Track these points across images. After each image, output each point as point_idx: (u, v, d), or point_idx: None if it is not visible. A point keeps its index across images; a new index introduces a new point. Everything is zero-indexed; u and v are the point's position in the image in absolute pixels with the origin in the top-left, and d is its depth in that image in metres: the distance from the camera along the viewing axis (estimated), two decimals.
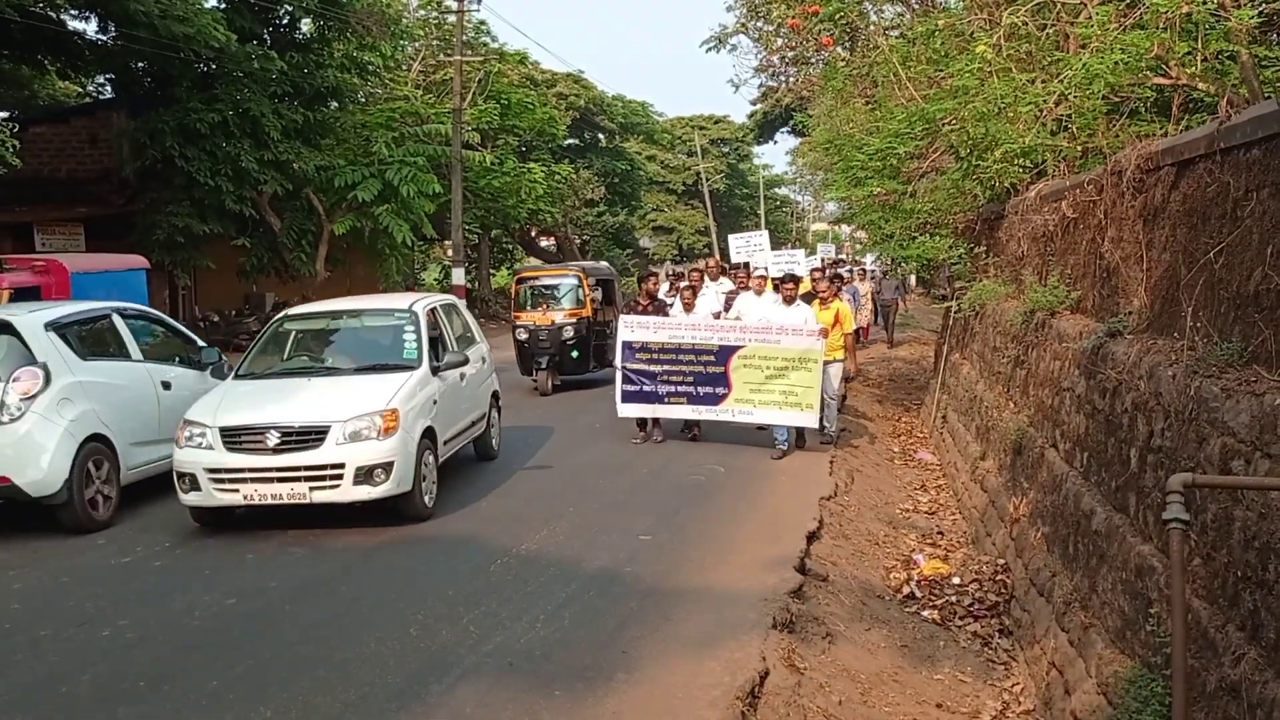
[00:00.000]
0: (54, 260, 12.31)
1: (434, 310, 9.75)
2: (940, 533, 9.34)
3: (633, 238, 54.66)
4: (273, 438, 7.81)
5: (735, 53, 25.27)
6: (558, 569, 7.07)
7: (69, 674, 5.44)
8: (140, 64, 21.20)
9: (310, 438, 7.84)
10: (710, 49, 23.47)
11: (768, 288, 12.31)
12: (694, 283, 12.79)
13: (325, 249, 23.56)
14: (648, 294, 12.58)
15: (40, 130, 21.77)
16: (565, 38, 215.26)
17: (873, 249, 18.67)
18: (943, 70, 10.49)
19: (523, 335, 15.79)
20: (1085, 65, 7.01)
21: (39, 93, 25.97)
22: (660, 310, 12.07)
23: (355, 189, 22.15)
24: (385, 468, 7.86)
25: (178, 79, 20.02)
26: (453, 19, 29.14)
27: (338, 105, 24.48)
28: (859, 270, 24.23)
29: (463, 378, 9.60)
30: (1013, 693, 6.20)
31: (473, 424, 10.05)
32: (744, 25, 22.19)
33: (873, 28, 15.31)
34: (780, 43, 20.83)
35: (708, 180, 55.06)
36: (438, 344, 9.42)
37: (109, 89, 24.98)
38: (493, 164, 30.45)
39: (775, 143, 53.15)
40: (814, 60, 19.91)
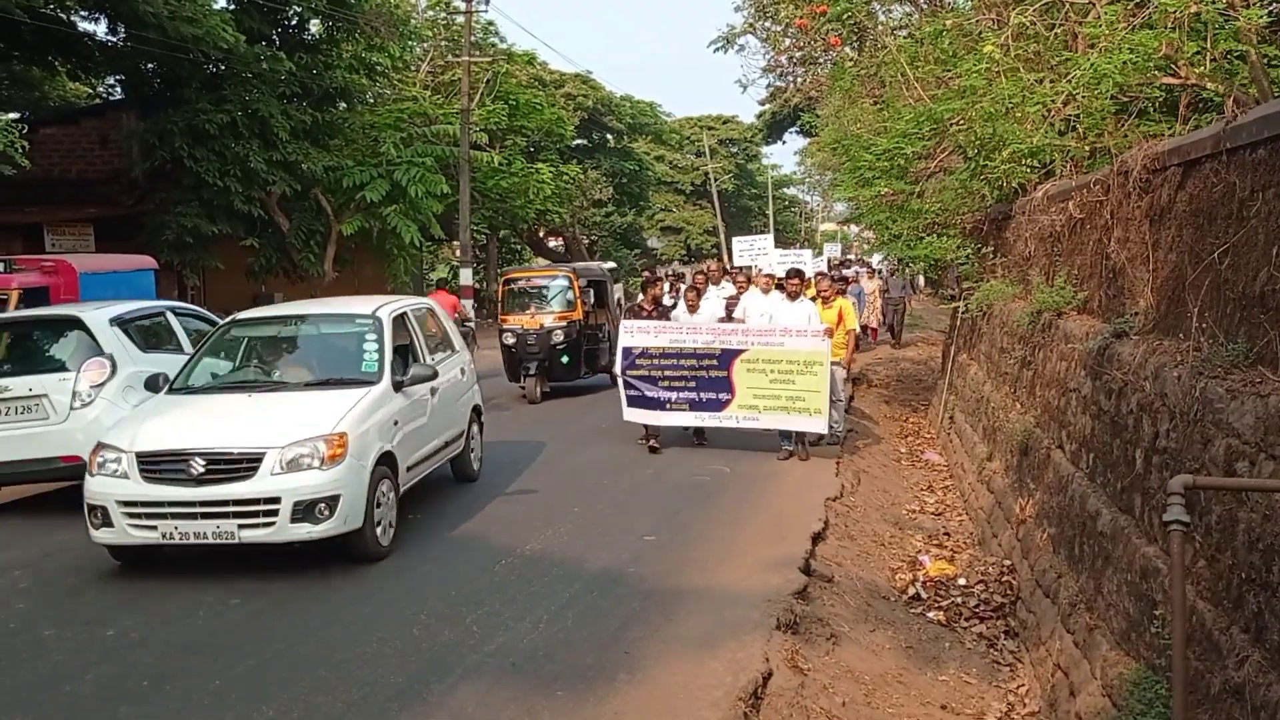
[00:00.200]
0: (62, 261, 12.34)
1: (403, 316, 8.75)
2: (947, 534, 9.32)
3: (641, 238, 54.61)
4: (197, 465, 6.79)
5: (743, 53, 25.16)
6: (561, 569, 7.08)
7: (72, 673, 5.46)
8: (150, 65, 21.25)
9: (241, 466, 6.82)
10: (718, 49, 23.44)
11: (772, 286, 12.11)
12: (698, 284, 12.45)
13: (333, 249, 23.62)
14: (652, 299, 12.12)
15: (51, 131, 21.87)
16: (573, 38, 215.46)
17: (880, 249, 18.59)
18: (951, 70, 10.43)
19: (510, 340, 15.02)
20: (1093, 65, 6.96)
21: (49, 94, 26.08)
22: (664, 316, 11.67)
23: (363, 189, 22.16)
24: (329, 502, 6.83)
25: (187, 80, 20.08)
26: (461, 20, 29.16)
27: (346, 106, 24.52)
28: (866, 270, 24.12)
29: (434, 392, 8.59)
30: (1018, 694, 6.17)
31: (447, 444, 9.06)
32: (752, 25, 22.14)
33: (881, 28, 15.27)
34: (788, 43, 20.77)
35: (716, 180, 55.05)
36: (408, 354, 8.56)
37: (119, 90, 25.09)
38: (501, 164, 30.43)
39: (784, 143, 53.13)
40: (822, 60, 19.85)
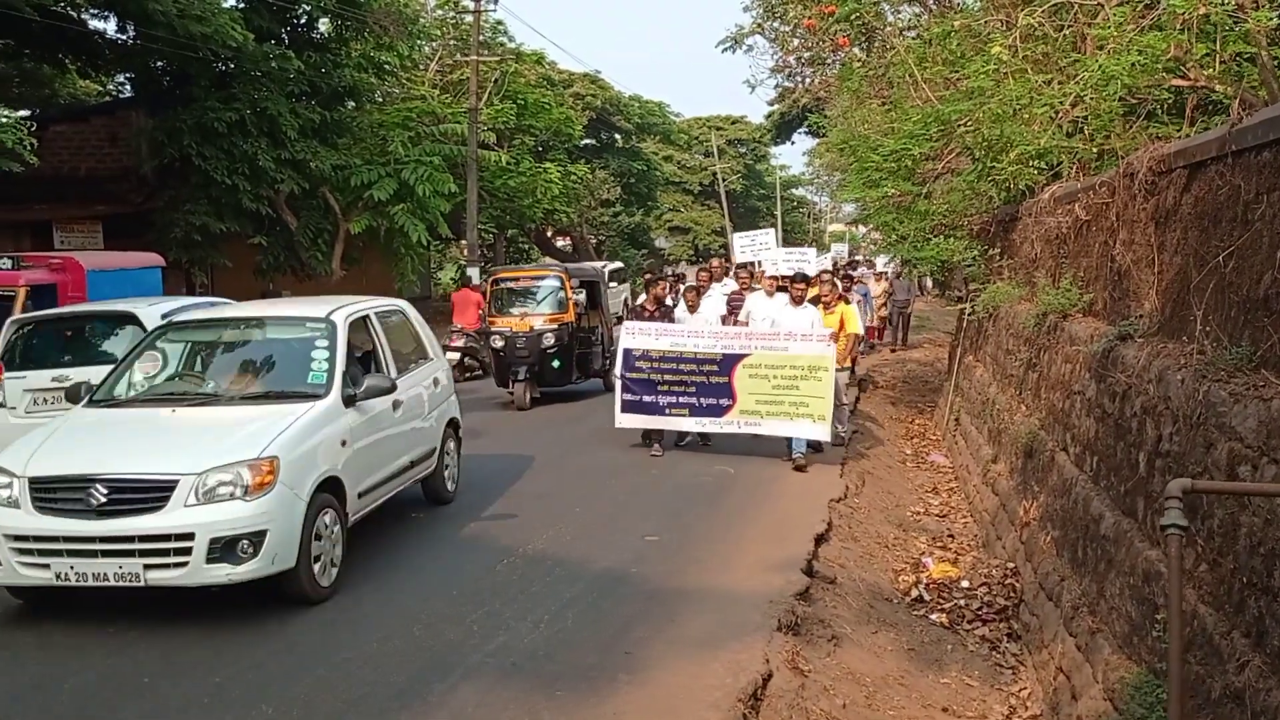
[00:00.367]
0: (70, 258, 12.34)
1: (365, 320, 7.90)
2: (951, 536, 9.29)
3: (649, 238, 54.67)
4: (98, 494, 5.88)
5: (751, 53, 25.16)
6: (563, 569, 7.08)
7: (75, 669, 5.48)
8: (159, 63, 21.32)
9: (149, 495, 5.91)
10: (726, 49, 23.42)
11: (775, 289, 11.90)
12: (701, 284, 12.19)
13: (341, 248, 23.66)
14: (655, 299, 11.75)
15: (60, 129, 21.94)
16: (582, 38, 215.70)
17: (886, 250, 18.54)
18: (959, 71, 10.41)
19: (499, 343, 14.23)
20: (1101, 67, 6.94)
21: (60, 91, 26.16)
22: (667, 317, 11.41)
23: (371, 188, 22.20)
24: (253, 538, 5.94)
25: (196, 78, 20.13)
26: (470, 19, 29.20)
27: (355, 105, 24.57)
28: (873, 273, 24.04)
29: (397, 406, 7.70)
30: (1020, 697, 6.15)
31: (414, 464, 8.14)
32: (760, 26, 22.11)
33: (889, 29, 15.25)
34: (796, 43, 20.74)
35: (724, 181, 55.02)
36: (370, 363, 7.82)
37: (128, 88, 25.17)
38: (509, 164, 30.46)
39: (793, 143, 52.95)
40: (830, 61, 19.83)
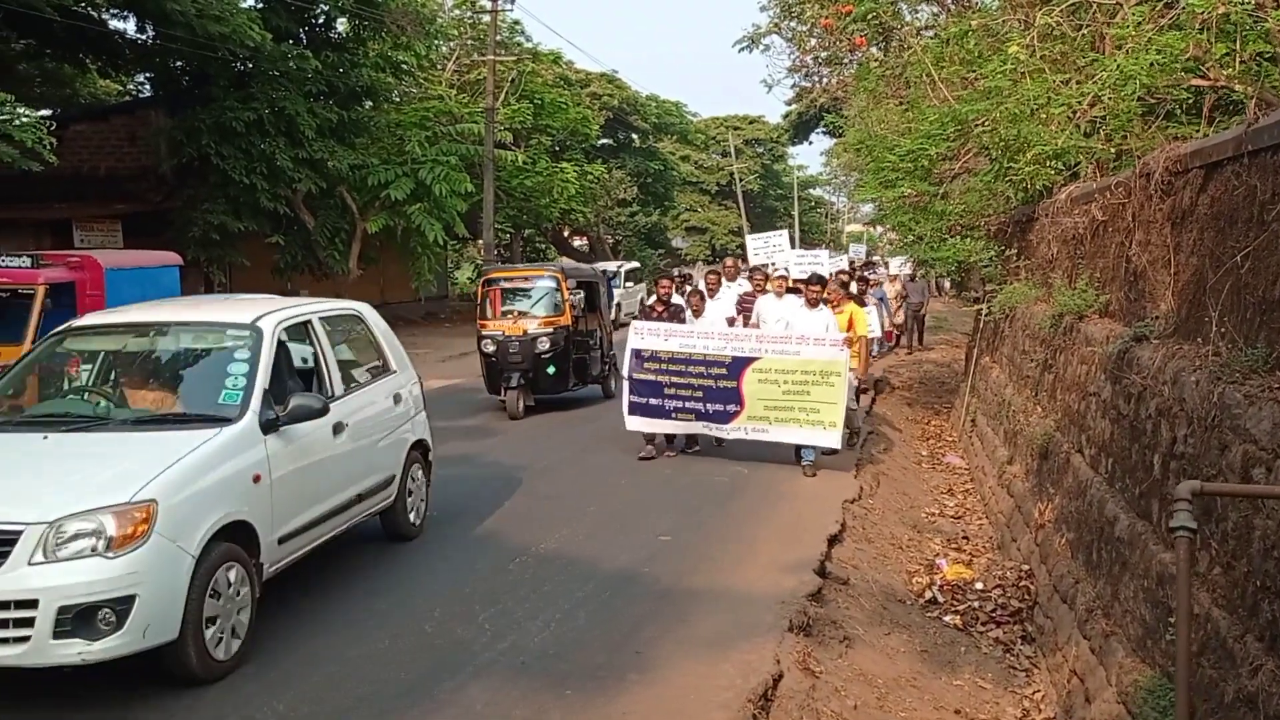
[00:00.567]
0: (88, 256, 12.43)
1: (306, 326, 6.63)
2: (965, 537, 9.25)
3: (665, 238, 54.71)
4: None
5: (769, 53, 25.10)
6: (576, 568, 7.08)
7: None
8: (178, 63, 21.52)
9: None
10: (743, 49, 23.37)
11: (784, 290, 11.46)
12: (710, 285, 11.94)
13: (358, 247, 23.79)
14: (661, 301, 11.31)
15: (81, 128, 22.15)
16: (599, 38, 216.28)
17: (902, 251, 18.47)
18: (976, 71, 10.36)
19: (490, 348, 13.37)
20: (1120, 66, 6.90)
21: (80, 91, 26.41)
22: (675, 318, 11.04)
23: (388, 188, 22.31)
24: (118, 605, 4.66)
25: (215, 78, 20.28)
26: (487, 19, 29.28)
27: (372, 104, 24.70)
28: (888, 274, 23.95)
29: (339, 429, 6.45)
30: (1033, 700, 6.12)
31: (363, 497, 6.86)
32: (777, 25, 22.05)
33: (906, 28, 15.19)
34: (813, 43, 20.66)
35: (741, 181, 54.98)
36: (312, 378, 6.66)
37: (148, 88, 25.41)
38: (525, 163, 30.55)
39: (810, 143, 53.10)
40: (847, 61, 19.76)
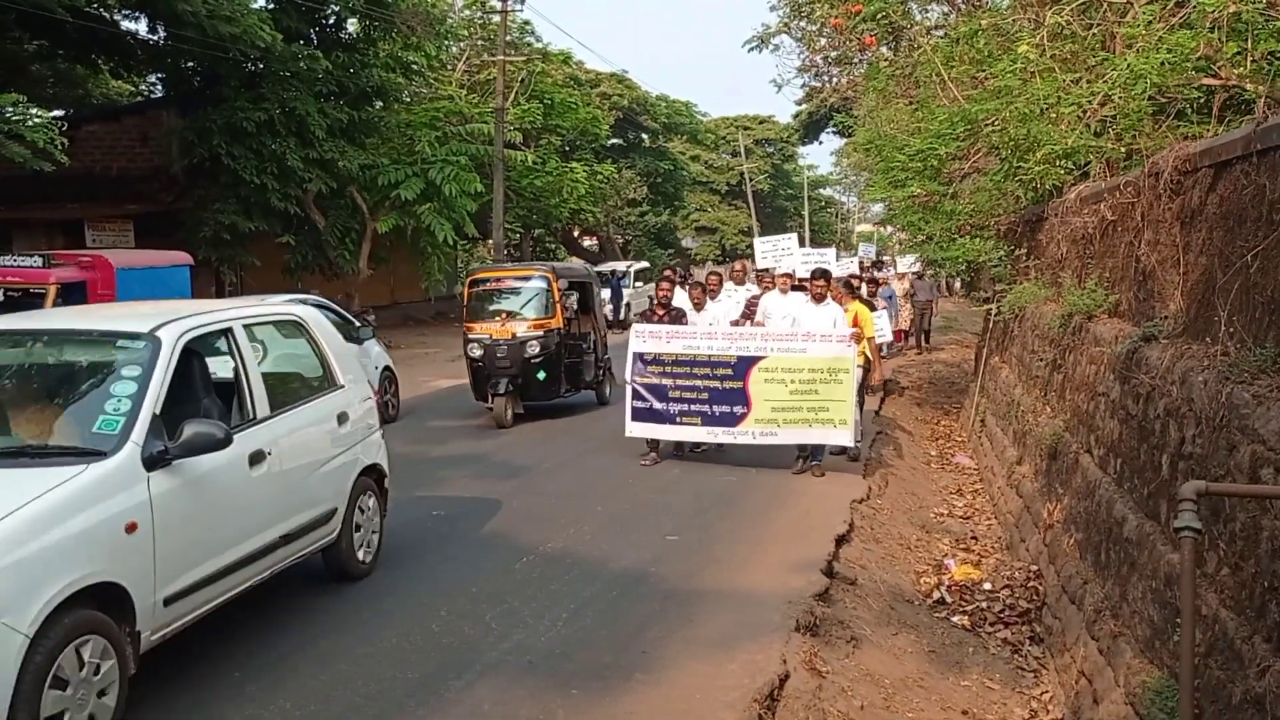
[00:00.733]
0: (100, 256, 12.48)
1: (226, 335, 5.73)
2: (974, 538, 9.22)
3: (675, 238, 54.72)
4: None
5: (778, 53, 25.10)
6: (583, 568, 7.08)
7: None
8: (189, 64, 21.63)
9: None
10: (753, 49, 23.38)
11: (790, 287, 11.47)
12: (711, 285, 11.77)
13: (369, 247, 23.84)
14: (661, 304, 10.94)
15: (93, 128, 22.28)
16: (609, 38, 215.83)
17: (912, 250, 18.43)
18: (986, 70, 10.34)
19: (477, 352, 12.78)
20: (1130, 65, 6.87)
21: (93, 91, 26.57)
22: (677, 320, 10.75)
23: (398, 187, 22.36)
24: None
25: (226, 78, 20.37)
26: (497, 19, 29.32)
27: (382, 104, 24.77)
28: (895, 272, 23.93)
29: (258, 460, 5.54)
30: (1041, 701, 6.10)
31: (291, 536, 5.90)
32: (786, 25, 22.04)
33: (916, 28, 15.16)
34: (823, 43, 20.65)
35: (751, 180, 54.98)
36: (232, 397, 5.77)
37: (159, 88, 25.53)
38: (535, 163, 30.59)
39: (820, 143, 52.82)
40: (857, 60, 19.73)
